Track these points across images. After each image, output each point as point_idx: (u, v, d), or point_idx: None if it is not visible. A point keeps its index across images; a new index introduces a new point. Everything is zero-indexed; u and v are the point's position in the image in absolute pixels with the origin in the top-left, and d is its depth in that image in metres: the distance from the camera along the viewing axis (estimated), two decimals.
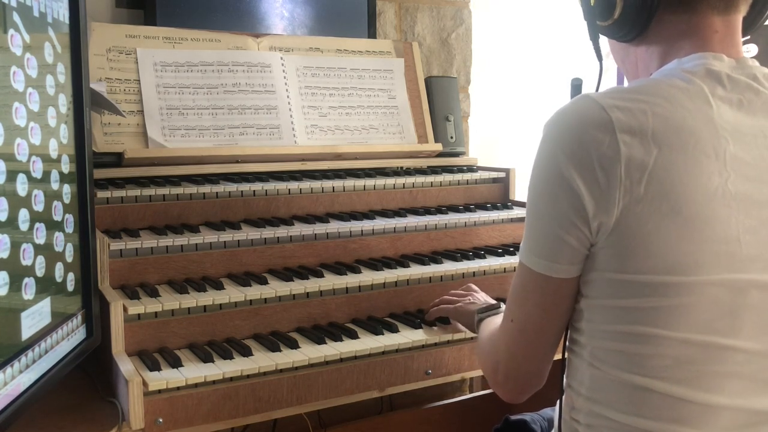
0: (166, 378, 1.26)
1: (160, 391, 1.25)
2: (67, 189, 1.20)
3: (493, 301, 1.48)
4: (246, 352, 1.37)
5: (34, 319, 1.07)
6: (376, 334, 1.49)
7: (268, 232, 1.59)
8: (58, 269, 1.16)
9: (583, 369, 1.01)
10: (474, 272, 1.71)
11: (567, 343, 1.06)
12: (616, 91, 0.95)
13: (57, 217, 1.16)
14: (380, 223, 1.73)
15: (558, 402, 1.11)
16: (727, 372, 0.93)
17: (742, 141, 0.93)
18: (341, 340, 1.45)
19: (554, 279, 0.98)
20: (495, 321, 1.30)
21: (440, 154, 2.09)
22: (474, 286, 1.61)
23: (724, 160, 0.91)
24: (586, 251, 0.95)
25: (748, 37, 1.09)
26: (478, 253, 1.78)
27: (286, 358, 1.36)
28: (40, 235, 1.09)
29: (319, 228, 1.65)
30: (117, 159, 1.68)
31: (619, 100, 0.92)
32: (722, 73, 0.96)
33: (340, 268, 1.60)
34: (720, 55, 0.98)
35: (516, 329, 1.05)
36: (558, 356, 1.08)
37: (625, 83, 1.08)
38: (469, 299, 1.53)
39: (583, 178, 0.91)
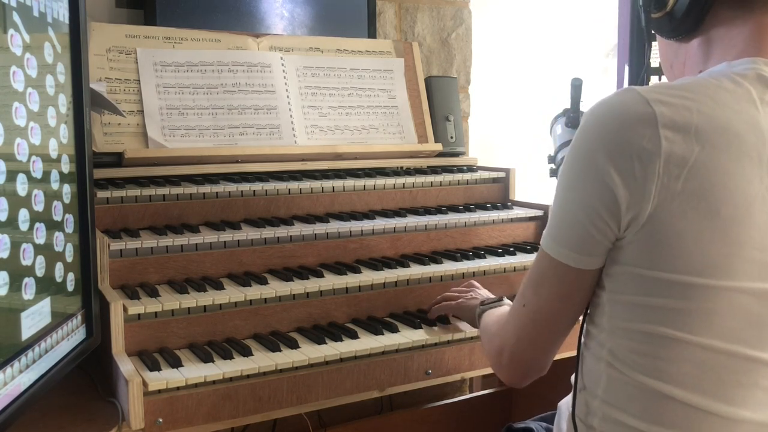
0: (166, 378, 1.26)
1: (160, 391, 1.25)
2: (67, 189, 1.20)
3: (495, 296, 1.48)
4: (246, 352, 1.37)
5: (34, 319, 1.07)
6: (376, 334, 1.49)
7: (268, 232, 1.59)
8: (58, 269, 1.16)
9: (600, 369, 0.99)
10: (474, 272, 1.70)
11: (583, 338, 1.04)
12: (661, 86, 0.94)
13: (57, 217, 1.16)
14: (380, 223, 1.73)
15: (571, 400, 1.07)
16: (751, 384, 0.92)
17: None
18: (341, 340, 1.45)
19: (574, 269, 0.97)
20: (496, 312, 1.30)
21: (440, 154, 2.09)
22: (476, 283, 1.60)
23: (767, 166, 0.90)
24: (609, 244, 0.94)
25: None
26: (478, 253, 1.78)
27: (286, 358, 1.36)
28: (40, 235, 1.09)
29: (319, 228, 1.64)
30: (117, 159, 1.68)
31: (664, 95, 0.91)
32: None
33: (340, 268, 1.60)
34: None
35: (527, 314, 1.04)
36: (572, 353, 1.06)
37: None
38: (471, 295, 1.53)
39: (618, 169, 0.89)
